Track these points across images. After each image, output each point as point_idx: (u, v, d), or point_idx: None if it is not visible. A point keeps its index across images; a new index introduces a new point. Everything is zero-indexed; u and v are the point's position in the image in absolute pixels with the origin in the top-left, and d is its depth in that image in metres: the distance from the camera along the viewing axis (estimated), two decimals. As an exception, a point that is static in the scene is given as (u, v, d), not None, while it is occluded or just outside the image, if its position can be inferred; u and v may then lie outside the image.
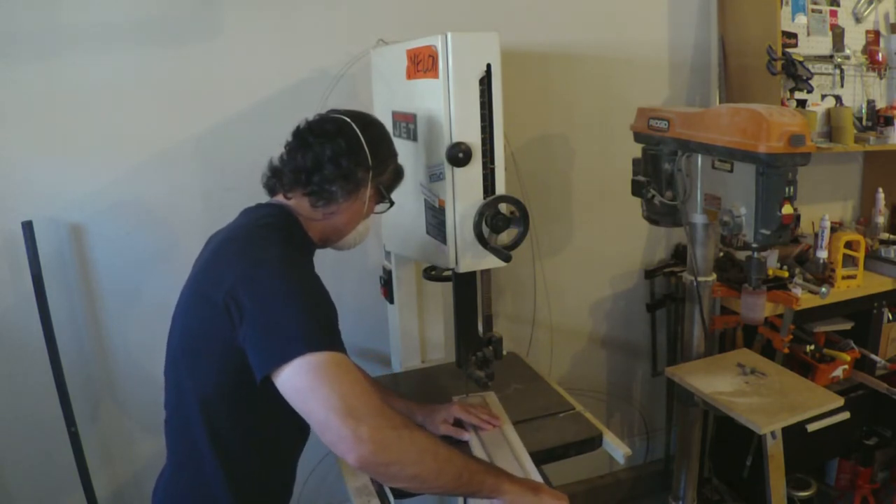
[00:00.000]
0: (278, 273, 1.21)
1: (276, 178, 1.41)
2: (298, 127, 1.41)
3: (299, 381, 1.14)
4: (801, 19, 2.49)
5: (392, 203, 1.49)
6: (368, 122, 1.42)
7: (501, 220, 1.52)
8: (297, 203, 1.39)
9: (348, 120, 1.38)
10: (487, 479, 1.24)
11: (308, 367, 1.13)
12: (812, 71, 2.44)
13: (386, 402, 1.57)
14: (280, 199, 1.41)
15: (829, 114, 2.57)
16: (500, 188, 1.54)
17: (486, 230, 1.52)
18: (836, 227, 2.60)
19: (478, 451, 1.56)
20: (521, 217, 1.54)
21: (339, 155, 1.34)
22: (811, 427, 2.19)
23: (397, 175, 1.48)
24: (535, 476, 1.45)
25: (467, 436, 1.62)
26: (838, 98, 2.60)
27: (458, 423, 1.66)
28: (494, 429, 1.64)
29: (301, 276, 1.24)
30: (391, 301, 2.05)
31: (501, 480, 1.26)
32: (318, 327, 1.17)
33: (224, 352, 1.21)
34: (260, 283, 1.20)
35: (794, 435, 1.88)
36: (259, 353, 1.16)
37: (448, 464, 1.19)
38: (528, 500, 1.27)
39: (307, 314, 1.18)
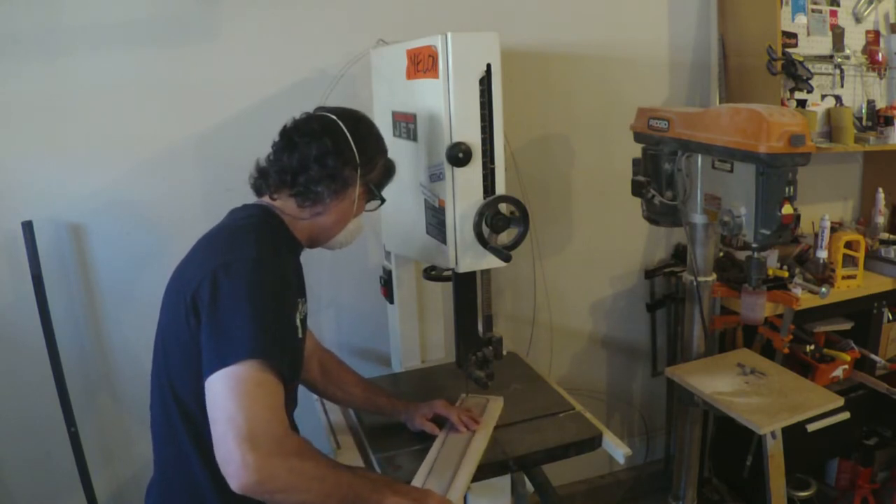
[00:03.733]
0: (241, 275, 1.20)
1: (263, 178, 1.40)
2: (285, 126, 1.40)
3: (217, 388, 1.13)
4: (801, 19, 2.49)
5: (383, 200, 1.49)
6: (355, 119, 1.41)
7: (501, 220, 1.52)
8: (284, 203, 1.39)
9: (334, 118, 1.38)
10: (372, 496, 1.25)
11: (229, 378, 1.12)
12: (812, 71, 2.43)
13: (369, 399, 1.64)
14: (266, 199, 1.41)
15: (829, 114, 2.57)
16: (500, 188, 1.54)
17: (486, 230, 1.52)
18: (835, 227, 2.60)
19: (433, 450, 1.57)
20: (521, 217, 1.54)
21: (325, 154, 1.34)
22: (811, 427, 2.19)
23: (388, 171, 1.47)
24: (457, 492, 1.43)
25: (438, 432, 1.63)
26: (838, 98, 2.60)
27: (440, 420, 1.66)
28: (466, 433, 1.63)
29: (265, 281, 1.21)
30: (391, 301, 2.05)
31: (384, 495, 1.27)
32: (261, 337, 1.16)
33: (196, 352, 1.20)
34: (221, 285, 1.19)
35: (794, 435, 1.89)
36: (206, 355, 1.16)
37: (335, 488, 1.20)
38: None
39: (255, 322, 1.16)
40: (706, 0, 2.56)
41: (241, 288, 1.18)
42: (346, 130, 1.36)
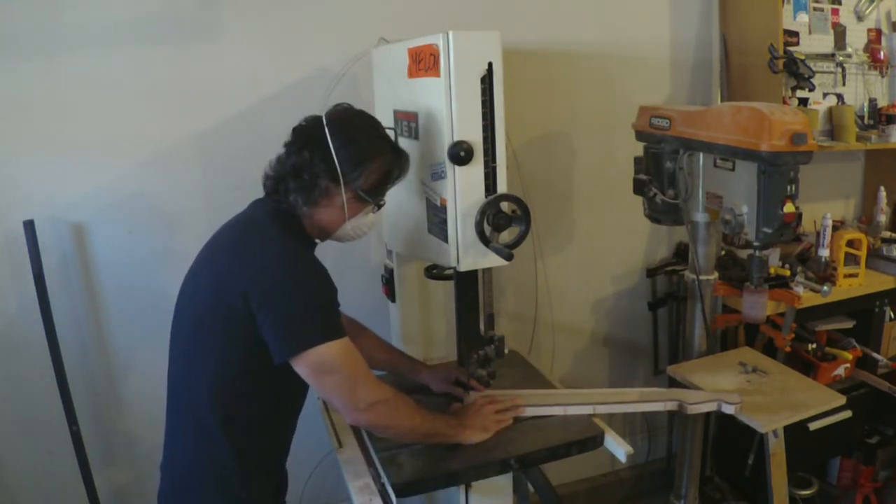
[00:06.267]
0: (292, 266, 1.36)
1: (265, 179, 1.49)
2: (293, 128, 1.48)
3: (315, 368, 1.35)
4: (803, 17, 2.49)
5: (379, 206, 1.52)
6: (345, 126, 1.43)
7: (503, 218, 1.52)
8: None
9: (324, 125, 1.40)
10: (448, 430, 1.56)
11: (321, 357, 1.34)
12: (814, 69, 2.43)
13: (390, 362, 1.87)
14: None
15: (830, 112, 2.57)
16: (502, 187, 1.54)
17: (487, 229, 1.52)
18: (837, 226, 2.60)
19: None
20: (523, 215, 1.54)
21: (301, 168, 1.41)
22: (813, 425, 2.19)
23: (385, 176, 1.48)
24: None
25: (463, 395, 1.77)
26: (840, 96, 2.60)
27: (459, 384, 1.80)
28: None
29: (311, 269, 1.39)
30: (393, 300, 2.05)
31: (458, 430, 1.57)
32: (328, 318, 1.37)
33: (243, 336, 1.35)
34: (277, 277, 1.34)
35: (795, 433, 1.88)
36: (278, 341, 1.34)
37: (420, 425, 1.50)
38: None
39: (319, 307, 1.36)
40: (708, -2, 2.56)
41: (297, 278, 1.35)
42: (329, 139, 1.38)
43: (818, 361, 2.39)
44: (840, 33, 2.57)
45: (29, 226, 1.87)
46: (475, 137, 1.48)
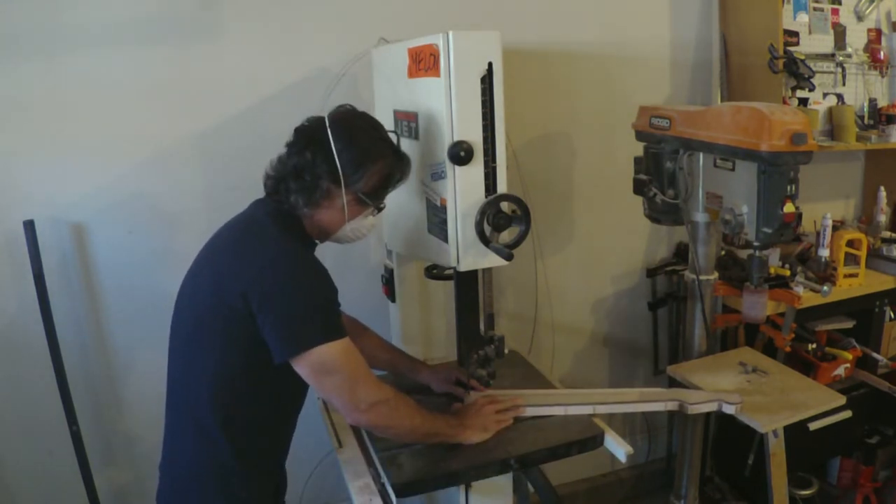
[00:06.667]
0: (292, 266, 1.36)
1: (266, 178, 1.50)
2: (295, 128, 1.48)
3: (315, 368, 1.35)
4: (803, 17, 2.49)
5: (379, 209, 1.52)
6: (349, 128, 1.43)
7: (503, 218, 1.52)
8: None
9: (326, 126, 1.40)
10: (449, 431, 1.56)
11: (322, 357, 1.34)
12: (814, 69, 2.43)
13: (391, 362, 1.87)
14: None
15: (830, 112, 2.57)
16: (502, 187, 1.54)
17: (487, 229, 1.52)
18: (837, 226, 2.60)
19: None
20: (523, 215, 1.54)
21: (303, 169, 1.41)
22: (813, 425, 2.19)
23: (386, 179, 1.48)
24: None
25: (464, 395, 1.77)
26: (840, 96, 2.60)
27: (459, 383, 1.80)
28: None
29: (311, 269, 1.39)
30: (393, 300, 2.05)
31: (458, 430, 1.57)
32: (328, 318, 1.37)
33: (243, 336, 1.35)
34: (277, 277, 1.34)
35: (795, 433, 1.88)
36: (279, 341, 1.34)
37: (421, 425, 1.50)
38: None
39: (319, 307, 1.36)
40: (708, -2, 2.56)
41: (297, 279, 1.35)
42: (332, 141, 1.38)
43: (818, 361, 2.39)
44: (840, 33, 2.57)
45: (29, 226, 1.87)
46: (475, 137, 1.48)
